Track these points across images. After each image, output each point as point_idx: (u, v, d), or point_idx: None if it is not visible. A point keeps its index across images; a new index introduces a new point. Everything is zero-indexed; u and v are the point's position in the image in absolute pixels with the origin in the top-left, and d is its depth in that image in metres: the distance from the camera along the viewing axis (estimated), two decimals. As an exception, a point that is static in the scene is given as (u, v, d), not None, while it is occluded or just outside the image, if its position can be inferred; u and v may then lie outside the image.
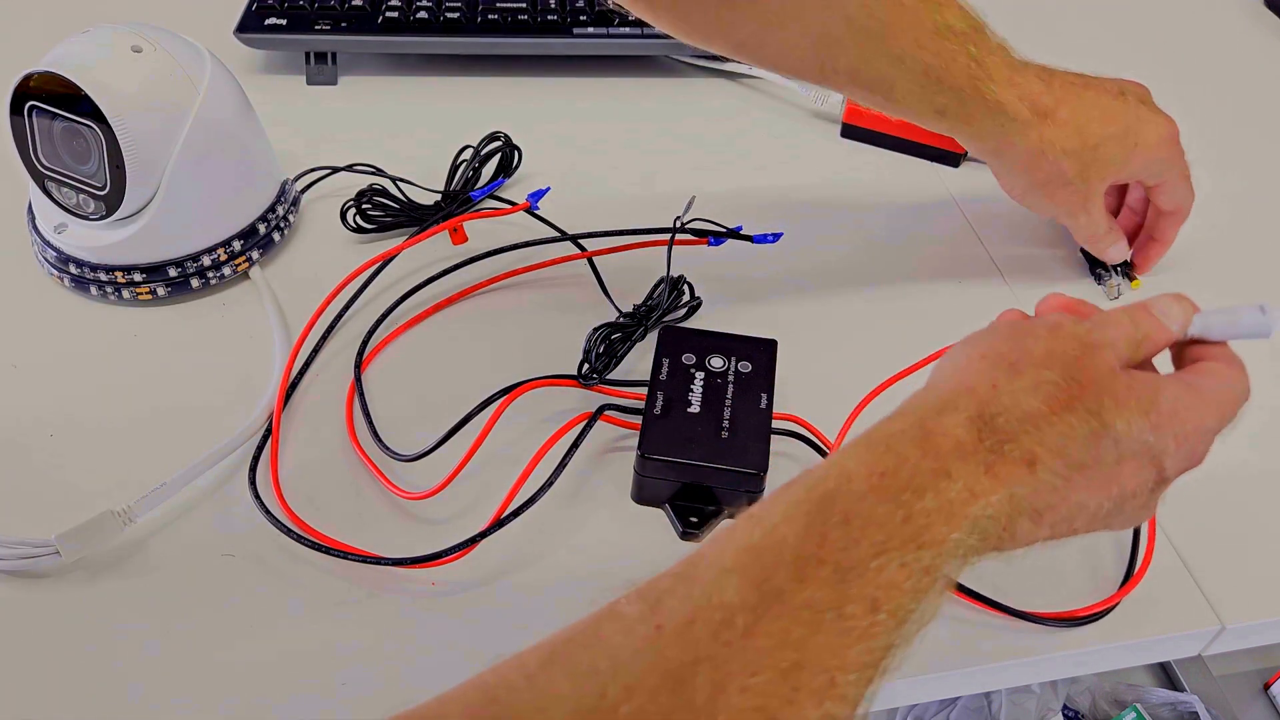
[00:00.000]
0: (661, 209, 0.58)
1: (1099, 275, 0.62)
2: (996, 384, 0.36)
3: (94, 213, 0.54)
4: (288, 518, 0.46)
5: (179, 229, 0.55)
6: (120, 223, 0.54)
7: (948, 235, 0.65)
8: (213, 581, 0.44)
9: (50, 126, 0.52)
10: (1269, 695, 1.09)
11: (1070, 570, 0.47)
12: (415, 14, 0.73)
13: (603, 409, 0.50)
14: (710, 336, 0.52)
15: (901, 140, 0.71)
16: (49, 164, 0.53)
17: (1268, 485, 0.52)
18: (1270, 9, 0.92)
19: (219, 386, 0.52)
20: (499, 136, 0.65)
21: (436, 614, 0.44)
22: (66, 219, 0.55)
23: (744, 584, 0.30)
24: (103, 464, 0.49)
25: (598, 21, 0.74)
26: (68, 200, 0.54)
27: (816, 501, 0.32)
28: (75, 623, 0.43)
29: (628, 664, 0.29)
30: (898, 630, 0.31)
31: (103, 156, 0.52)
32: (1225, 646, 0.47)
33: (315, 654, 0.43)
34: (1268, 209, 0.70)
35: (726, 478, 0.47)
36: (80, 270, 0.55)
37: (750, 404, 0.49)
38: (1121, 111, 0.55)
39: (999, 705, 0.94)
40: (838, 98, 0.72)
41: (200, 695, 0.41)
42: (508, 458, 0.49)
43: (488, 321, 0.57)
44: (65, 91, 0.51)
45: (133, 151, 0.51)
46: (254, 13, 0.73)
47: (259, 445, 0.49)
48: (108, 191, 0.53)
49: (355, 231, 0.61)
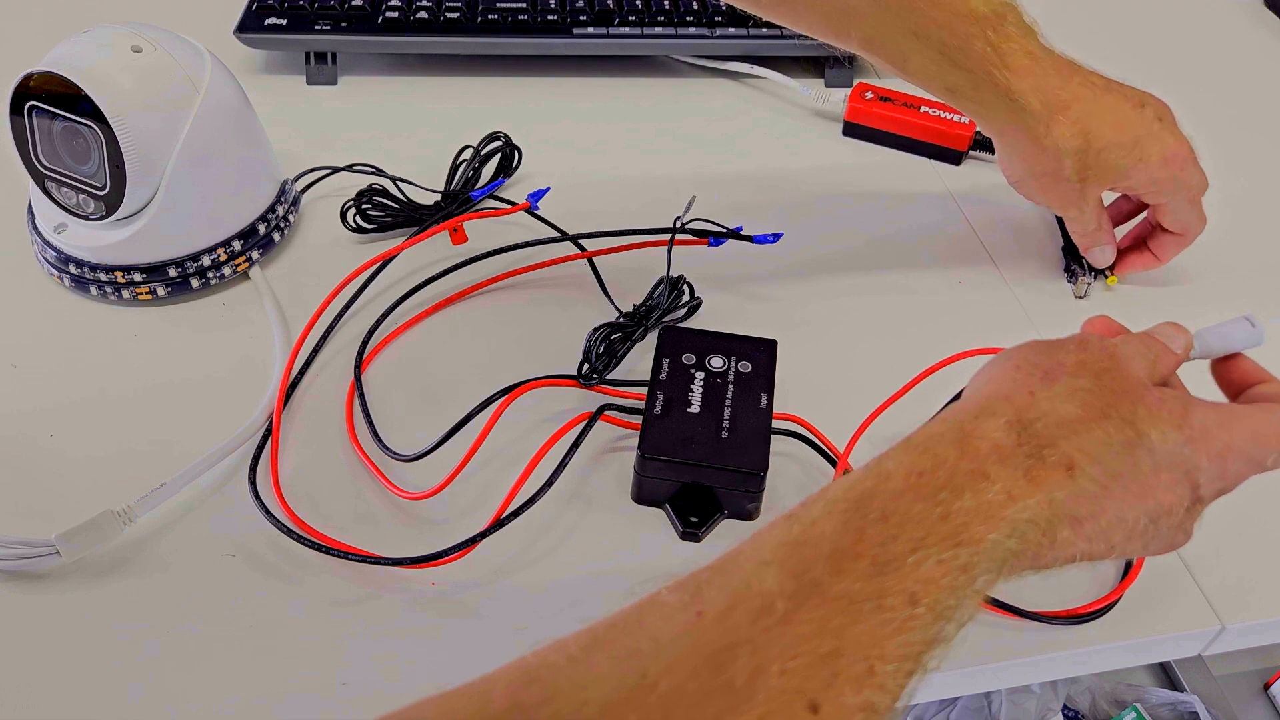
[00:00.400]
0: (662, 209, 0.58)
1: (1072, 272, 0.62)
2: (1033, 391, 0.36)
3: (94, 213, 0.54)
4: (288, 517, 0.46)
5: (179, 229, 0.55)
6: (120, 223, 0.54)
7: (948, 234, 0.65)
8: (213, 582, 0.44)
9: (50, 126, 0.52)
10: (1269, 695, 1.09)
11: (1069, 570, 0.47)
12: (415, 14, 0.74)
13: (603, 409, 0.50)
14: (710, 336, 0.52)
15: (903, 138, 0.71)
16: (49, 164, 0.53)
17: (1268, 486, 0.52)
18: (1270, 8, 0.92)
19: (219, 386, 0.52)
20: (499, 136, 0.65)
21: (436, 614, 0.44)
22: (66, 219, 0.55)
23: (783, 574, 0.31)
24: (103, 464, 0.49)
25: (598, 21, 0.74)
26: (68, 200, 0.54)
27: (855, 500, 0.33)
28: (75, 623, 0.43)
29: (668, 646, 0.29)
30: (936, 625, 0.31)
31: (103, 156, 0.52)
32: (1225, 646, 0.47)
33: (316, 654, 0.43)
34: (1268, 209, 0.70)
35: (726, 477, 0.47)
36: (80, 270, 0.55)
37: (750, 404, 0.49)
38: (1135, 121, 0.55)
39: (999, 705, 0.94)
40: (840, 96, 0.72)
41: (200, 695, 0.41)
42: (508, 457, 0.49)
43: (488, 321, 0.57)
44: (65, 91, 0.51)
45: (133, 151, 0.51)
46: (254, 13, 0.73)
47: (259, 445, 0.49)
48: (107, 191, 0.53)
49: (355, 231, 0.61)
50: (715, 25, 0.75)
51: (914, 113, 0.70)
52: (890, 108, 0.70)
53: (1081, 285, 0.60)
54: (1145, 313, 0.46)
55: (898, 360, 0.51)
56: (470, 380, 0.52)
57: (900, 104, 0.70)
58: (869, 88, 0.72)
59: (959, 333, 0.54)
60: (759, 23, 0.75)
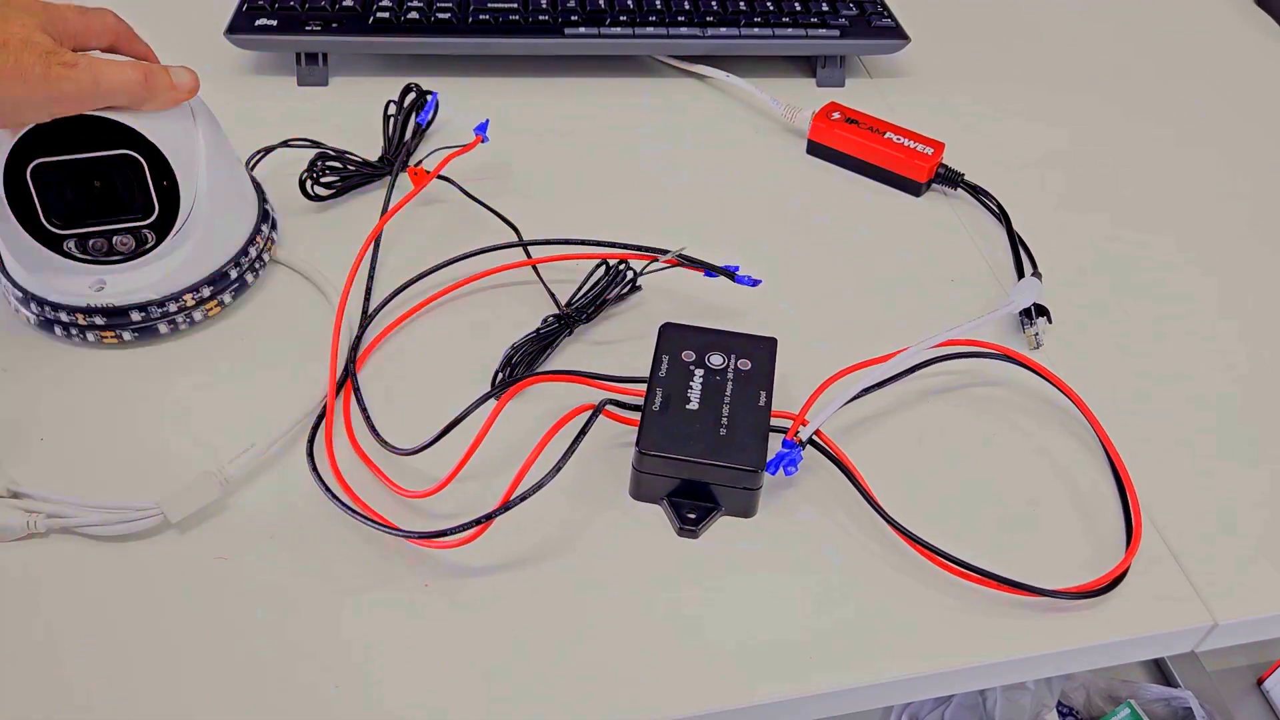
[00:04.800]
0: (659, 209, 0.58)
1: (1023, 324, 0.59)
2: None
3: (138, 248, 0.51)
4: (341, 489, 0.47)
5: (225, 231, 0.54)
6: (170, 246, 0.52)
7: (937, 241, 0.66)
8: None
9: (59, 181, 0.49)
10: (1262, 690, 1.09)
11: (1071, 551, 0.47)
12: (406, 14, 0.73)
13: (604, 404, 0.50)
14: (710, 334, 0.52)
15: (863, 163, 0.69)
16: (64, 223, 0.50)
17: (1259, 483, 0.53)
18: (1261, 6, 0.92)
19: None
20: (412, 88, 0.68)
21: (432, 613, 0.44)
22: (103, 273, 0.51)
23: None
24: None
25: (589, 22, 0.74)
26: (98, 251, 0.51)
27: None
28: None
29: None
30: None
31: (144, 180, 0.49)
32: (1218, 643, 0.48)
33: (313, 653, 0.43)
34: (1264, 207, 0.70)
35: (724, 474, 0.47)
36: (144, 314, 0.52)
37: (749, 402, 0.49)
38: None
39: (994, 702, 0.94)
40: (808, 113, 0.71)
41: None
42: (504, 459, 0.49)
43: (478, 316, 0.57)
44: (73, 134, 0.48)
45: (176, 158, 0.49)
46: (244, 13, 0.73)
47: (314, 424, 0.50)
48: (156, 216, 0.50)
49: (314, 200, 0.62)
50: (707, 25, 0.75)
51: (878, 138, 0.68)
52: (855, 130, 0.69)
53: (1031, 337, 0.58)
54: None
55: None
56: (466, 376, 0.52)
57: (866, 127, 0.69)
58: (838, 107, 0.70)
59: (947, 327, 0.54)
60: (752, 22, 0.75)
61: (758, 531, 0.48)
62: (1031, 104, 0.78)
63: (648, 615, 0.45)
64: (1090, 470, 0.52)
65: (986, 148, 0.72)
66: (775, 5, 0.77)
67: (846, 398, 0.50)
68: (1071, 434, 0.53)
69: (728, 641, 0.44)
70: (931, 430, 0.53)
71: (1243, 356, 0.59)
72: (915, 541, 0.46)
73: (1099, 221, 0.67)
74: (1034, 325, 0.58)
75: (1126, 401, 0.55)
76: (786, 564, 0.47)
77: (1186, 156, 0.74)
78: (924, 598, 0.46)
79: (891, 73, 0.80)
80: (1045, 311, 0.59)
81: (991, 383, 0.56)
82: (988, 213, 0.67)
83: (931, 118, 0.75)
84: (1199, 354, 0.59)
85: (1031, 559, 0.47)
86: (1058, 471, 0.52)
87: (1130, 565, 0.47)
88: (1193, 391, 0.57)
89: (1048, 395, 0.55)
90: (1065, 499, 0.50)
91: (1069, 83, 0.80)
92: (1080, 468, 0.52)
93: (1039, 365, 0.54)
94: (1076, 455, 0.53)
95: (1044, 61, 0.83)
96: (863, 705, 0.44)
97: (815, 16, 0.76)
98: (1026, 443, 0.53)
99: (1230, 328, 0.61)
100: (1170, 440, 0.54)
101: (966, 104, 0.77)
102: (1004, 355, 0.54)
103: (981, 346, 0.54)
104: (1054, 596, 0.45)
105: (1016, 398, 0.55)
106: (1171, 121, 0.77)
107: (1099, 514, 0.50)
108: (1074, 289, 0.62)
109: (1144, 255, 0.65)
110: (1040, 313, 0.59)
